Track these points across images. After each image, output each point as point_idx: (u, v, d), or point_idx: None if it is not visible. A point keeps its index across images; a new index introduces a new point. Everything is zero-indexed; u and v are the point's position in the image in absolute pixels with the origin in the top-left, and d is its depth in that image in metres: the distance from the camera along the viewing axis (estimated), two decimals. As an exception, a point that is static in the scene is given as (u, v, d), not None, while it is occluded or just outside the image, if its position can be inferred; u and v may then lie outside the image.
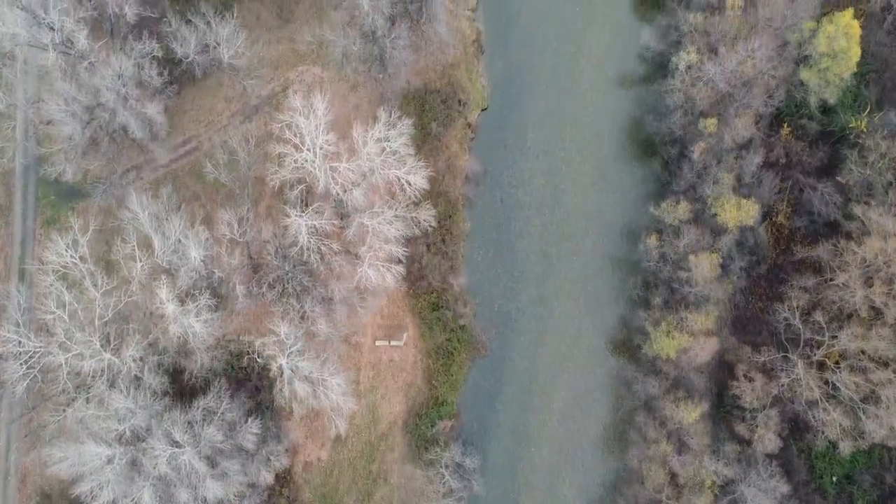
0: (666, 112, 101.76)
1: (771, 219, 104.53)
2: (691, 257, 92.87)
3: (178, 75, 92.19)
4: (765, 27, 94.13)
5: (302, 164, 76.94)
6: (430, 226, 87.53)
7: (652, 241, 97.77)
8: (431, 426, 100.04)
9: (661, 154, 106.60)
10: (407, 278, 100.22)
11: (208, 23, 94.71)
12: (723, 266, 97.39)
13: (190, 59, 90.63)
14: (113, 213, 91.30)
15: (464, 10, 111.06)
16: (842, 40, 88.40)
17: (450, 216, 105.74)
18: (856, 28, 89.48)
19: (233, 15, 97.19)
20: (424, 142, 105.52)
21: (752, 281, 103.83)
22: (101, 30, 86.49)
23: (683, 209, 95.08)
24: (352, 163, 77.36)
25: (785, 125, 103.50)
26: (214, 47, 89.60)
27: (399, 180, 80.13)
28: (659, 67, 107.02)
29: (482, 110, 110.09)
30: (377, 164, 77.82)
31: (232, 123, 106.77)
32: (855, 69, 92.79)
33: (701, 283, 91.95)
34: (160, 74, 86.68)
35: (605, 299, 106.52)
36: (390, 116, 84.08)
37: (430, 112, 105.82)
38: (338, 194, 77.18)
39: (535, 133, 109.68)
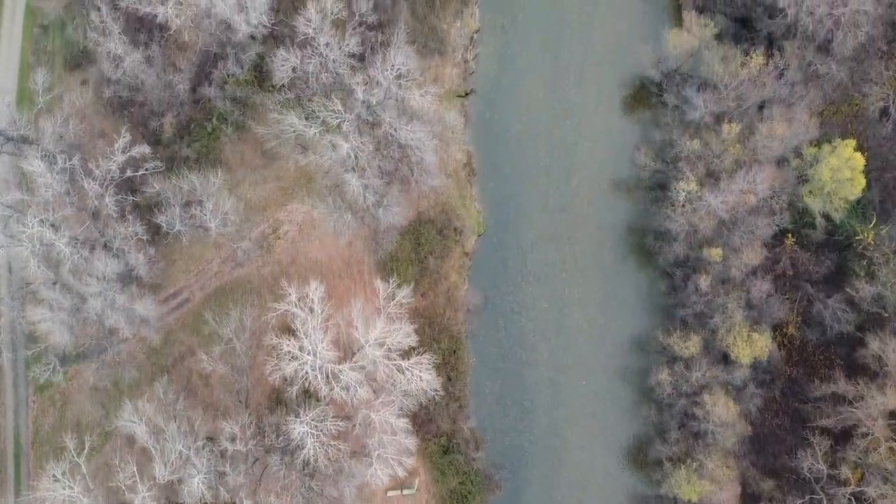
0: (668, 236, 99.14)
1: (782, 330, 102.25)
2: (706, 396, 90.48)
3: (165, 247, 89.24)
4: (764, 151, 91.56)
5: (302, 366, 74.07)
6: (439, 394, 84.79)
7: (664, 375, 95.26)
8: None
9: (665, 270, 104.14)
10: (414, 422, 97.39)
11: (193, 184, 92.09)
12: (737, 391, 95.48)
13: (176, 229, 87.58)
14: (107, 409, 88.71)
15: (452, 133, 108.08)
16: (846, 171, 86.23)
17: (454, 352, 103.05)
18: (859, 160, 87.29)
19: (217, 173, 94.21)
20: (423, 276, 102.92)
21: (768, 398, 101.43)
22: (83, 215, 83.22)
23: (693, 344, 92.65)
24: (354, 364, 74.60)
25: (789, 235, 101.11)
26: (201, 218, 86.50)
27: (402, 371, 77.39)
28: (657, 181, 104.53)
29: (479, 236, 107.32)
30: (380, 362, 75.11)
31: (222, 271, 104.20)
32: (860, 194, 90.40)
33: (718, 424, 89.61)
34: (145, 254, 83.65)
35: (619, 424, 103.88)
36: (388, 285, 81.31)
37: (427, 245, 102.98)
38: (342, 396, 74.52)
39: (535, 255, 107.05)
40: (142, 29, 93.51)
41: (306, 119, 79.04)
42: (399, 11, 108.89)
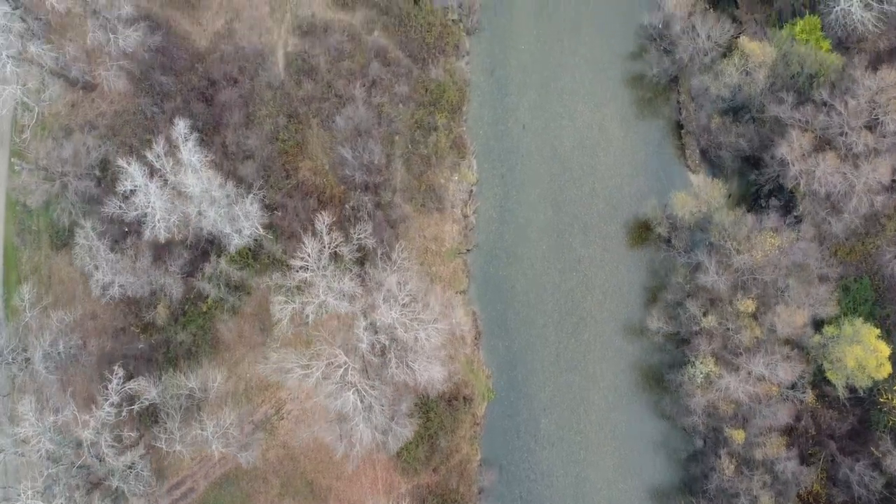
0: (687, 410, 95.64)
1: (806, 488, 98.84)
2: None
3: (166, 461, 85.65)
4: (783, 330, 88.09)
5: None
6: None
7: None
8: None
9: (684, 429, 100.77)
10: None
11: (192, 389, 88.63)
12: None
13: (176, 449, 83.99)
14: None
15: (455, 292, 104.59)
16: (871, 360, 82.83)
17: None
18: (885, 349, 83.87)
19: (216, 376, 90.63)
20: (433, 454, 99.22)
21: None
22: (80, 451, 79.45)
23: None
24: None
25: (810, 391, 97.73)
26: (201, 436, 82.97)
27: None
28: (671, 340, 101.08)
29: (488, 402, 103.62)
30: None
31: (226, 457, 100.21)
32: (886, 376, 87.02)
33: None
34: (146, 486, 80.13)
35: None
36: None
37: (437, 419, 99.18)
38: None
39: (547, 418, 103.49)
40: (129, 233, 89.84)
41: (308, 361, 75.42)
42: (394, 170, 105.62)
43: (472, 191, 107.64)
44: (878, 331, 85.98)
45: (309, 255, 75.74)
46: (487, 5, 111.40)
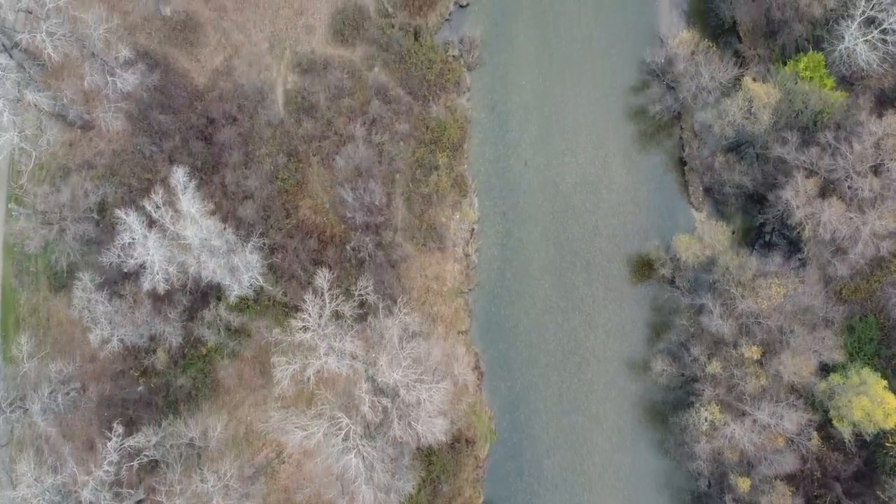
0: (691, 455, 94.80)
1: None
2: None
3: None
4: (791, 378, 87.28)
5: None
6: None
7: None
8: None
9: (688, 470, 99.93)
10: None
11: (192, 439, 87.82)
12: None
13: (177, 503, 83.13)
14: None
15: (457, 332, 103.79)
16: (878, 413, 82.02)
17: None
18: (892, 402, 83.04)
19: (216, 426, 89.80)
20: (435, 498, 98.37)
21: None
22: None
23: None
24: None
25: (815, 433, 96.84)
26: (202, 487, 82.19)
27: None
28: (675, 381, 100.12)
29: (491, 443, 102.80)
30: None
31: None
32: (894, 426, 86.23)
33: None
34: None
35: None
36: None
37: (439, 463, 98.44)
38: None
39: (551, 459, 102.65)
40: (129, 276, 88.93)
41: (310, 421, 74.69)
42: (395, 209, 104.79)
43: (473, 229, 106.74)
44: (885, 382, 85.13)
45: (310, 316, 75.00)
46: (488, 41, 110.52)
